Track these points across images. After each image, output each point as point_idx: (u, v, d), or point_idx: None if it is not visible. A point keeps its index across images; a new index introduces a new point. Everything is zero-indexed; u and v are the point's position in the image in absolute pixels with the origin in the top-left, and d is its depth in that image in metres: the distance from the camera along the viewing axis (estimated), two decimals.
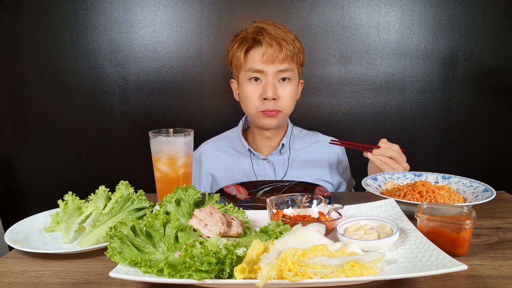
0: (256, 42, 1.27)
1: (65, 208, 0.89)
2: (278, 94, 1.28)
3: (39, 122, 1.85)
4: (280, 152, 1.42)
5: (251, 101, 1.31)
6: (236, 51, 1.31)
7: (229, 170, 1.41)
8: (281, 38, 1.25)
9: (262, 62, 1.26)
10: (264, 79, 1.28)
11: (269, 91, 1.26)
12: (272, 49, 1.24)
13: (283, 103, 1.30)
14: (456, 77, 1.77)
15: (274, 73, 1.27)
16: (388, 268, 0.65)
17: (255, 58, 1.28)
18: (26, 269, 0.73)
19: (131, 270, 0.63)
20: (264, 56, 1.25)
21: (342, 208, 0.84)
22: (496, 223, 0.93)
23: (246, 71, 1.30)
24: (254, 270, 0.60)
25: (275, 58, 1.24)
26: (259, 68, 1.27)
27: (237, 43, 1.31)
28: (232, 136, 1.49)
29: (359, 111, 1.81)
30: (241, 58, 1.30)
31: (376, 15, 1.72)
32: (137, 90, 1.80)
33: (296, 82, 1.34)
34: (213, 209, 0.79)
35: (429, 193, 0.99)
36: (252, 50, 1.29)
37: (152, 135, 1.02)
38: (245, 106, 1.35)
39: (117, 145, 1.86)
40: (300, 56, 1.32)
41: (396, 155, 1.20)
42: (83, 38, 1.76)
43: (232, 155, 1.44)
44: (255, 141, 1.45)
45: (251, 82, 1.30)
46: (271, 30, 1.26)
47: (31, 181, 1.91)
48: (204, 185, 1.45)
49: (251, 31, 1.28)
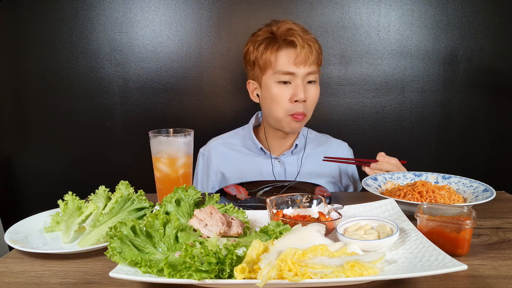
0: (287, 43, 1.24)
1: (65, 208, 0.89)
2: (307, 96, 1.27)
3: (39, 122, 1.85)
4: (292, 153, 1.42)
5: (281, 104, 1.28)
6: (264, 52, 1.27)
7: (240, 168, 1.40)
8: (310, 39, 1.25)
9: (294, 64, 1.24)
10: (294, 81, 1.26)
11: (301, 93, 1.24)
12: (305, 51, 1.22)
13: (309, 105, 1.30)
14: (456, 77, 1.77)
15: (304, 75, 1.26)
16: (388, 268, 0.65)
17: (286, 59, 1.25)
18: (26, 269, 0.73)
19: (131, 270, 0.63)
20: (297, 58, 1.23)
21: (342, 208, 0.84)
22: (496, 223, 0.93)
23: (276, 73, 1.26)
24: (254, 270, 0.60)
25: (306, 60, 1.23)
26: (291, 70, 1.24)
27: (262, 43, 1.28)
28: (243, 134, 1.47)
29: (359, 111, 1.81)
30: (271, 59, 1.26)
31: (376, 15, 1.72)
32: (137, 90, 1.80)
33: (319, 84, 1.34)
34: (213, 209, 0.79)
35: (429, 193, 0.99)
36: (282, 52, 1.26)
37: (152, 135, 1.02)
38: (272, 109, 1.31)
39: (117, 145, 1.86)
40: (321, 57, 1.32)
41: (394, 169, 1.19)
42: (83, 38, 1.76)
43: (243, 153, 1.42)
44: (269, 140, 1.43)
45: (280, 84, 1.27)
46: (300, 31, 1.25)
47: (31, 181, 1.91)
48: (212, 182, 1.44)
49: (282, 32, 1.25)
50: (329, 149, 1.45)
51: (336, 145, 1.50)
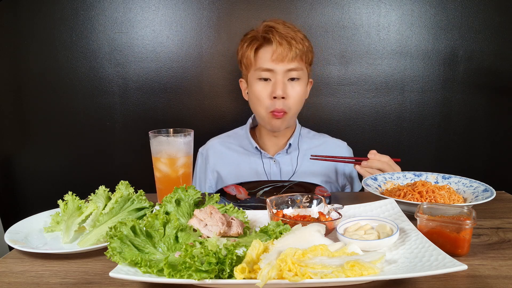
0: (266, 40, 1.27)
1: (65, 208, 0.89)
2: (287, 93, 1.28)
3: (39, 122, 1.85)
4: (286, 152, 1.42)
5: (261, 101, 1.30)
6: (246, 50, 1.30)
7: (236, 167, 1.41)
8: (291, 37, 1.25)
9: (272, 61, 1.25)
10: (274, 78, 1.27)
11: (279, 89, 1.25)
12: (282, 48, 1.23)
13: (291, 102, 1.30)
14: (456, 77, 1.77)
15: (284, 72, 1.27)
16: (388, 268, 0.65)
17: (264, 57, 1.27)
18: (26, 269, 0.73)
19: (131, 270, 0.63)
20: (274, 55, 1.24)
21: (342, 208, 0.84)
22: (496, 223, 0.93)
23: (256, 70, 1.29)
24: (254, 270, 0.60)
25: (284, 56, 1.24)
26: (269, 67, 1.26)
27: (246, 42, 1.31)
28: (240, 134, 1.49)
29: (359, 111, 1.81)
30: (251, 57, 1.29)
31: (376, 15, 1.72)
32: (137, 90, 1.80)
33: (305, 82, 1.34)
34: (213, 209, 0.79)
35: (429, 193, 0.99)
36: (262, 49, 1.28)
37: (152, 135, 1.02)
38: (255, 106, 1.35)
39: (117, 145, 1.86)
40: (309, 55, 1.32)
41: (385, 167, 1.18)
42: (83, 38, 1.76)
43: (239, 153, 1.43)
44: (263, 139, 1.45)
45: (261, 81, 1.29)
46: (281, 29, 1.25)
47: (31, 181, 1.91)
48: (209, 181, 1.45)
49: (261, 30, 1.28)
50: (326, 149, 1.45)
51: (334, 145, 1.49)
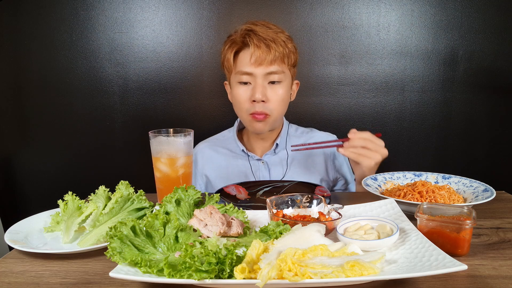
0: (245, 44, 1.25)
1: (65, 208, 0.89)
2: (267, 96, 1.26)
3: (39, 122, 1.85)
4: (274, 152, 1.41)
5: (242, 104, 1.29)
6: (227, 53, 1.29)
7: (224, 170, 1.40)
8: (270, 39, 1.22)
9: (251, 64, 1.24)
10: (254, 81, 1.26)
11: (258, 93, 1.24)
12: (260, 51, 1.21)
13: (272, 106, 1.28)
14: (456, 77, 1.77)
15: (263, 75, 1.25)
16: (388, 268, 0.65)
17: (244, 60, 1.25)
18: (26, 269, 0.73)
19: (131, 270, 0.63)
20: (252, 58, 1.23)
21: (342, 208, 0.84)
22: (496, 223, 0.93)
23: (236, 74, 1.28)
24: (254, 270, 0.60)
25: (263, 60, 1.22)
26: (248, 71, 1.25)
27: (227, 45, 1.30)
28: (228, 136, 1.48)
29: (359, 111, 1.81)
30: (231, 61, 1.28)
31: (376, 15, 1.72)
32: (137, 90, 1.80)
33: (288, 84, 1.32)
34: (213, 209, 0.79)
35: (429, 193, 0.99)
36: (242, 52, 1.27)
37: (152, 135, 1.02)
38: (236, 109, 1.35)
39: (117, 145, 1.86)
40: (292, 56, 1.29)
41: (367, 143, 1.13)
42: (83, 38, 1.76)
43: (226, 156, 1.42)
44: (250, 141, 1.44)
45: (241, 85, 1.28)
46: (260, 31, 1.23)
47: (31, 181, 1.91)
48: (199, 185, 1.45)
49: (240, 33, 1.26)
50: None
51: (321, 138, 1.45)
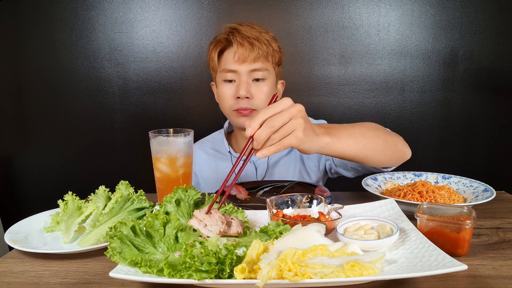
0: (228, 42, 1.27)
1: (65, 208, 0.89)
2: (252, 93, 1.28)
3: (39, 122, 1.85)
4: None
5: (226, 101, 1.31)
6: (211, 53, 1.32)
7: (214, 171, 1.42)
8: (254, 37, 1.25)
9: (235, 62, 1.26)
10: (238, 78, 1.28)
11: (242, 89, 1.26)
12: (243, 48, 1.24)
13: (257, 102, 1.29)
14: (456, 77, 1.77)
15: (247, 72, 1.27)
16: (388, 268, 0.65)
17: (228, 58, 1.28)
18: (26, 269, 0.73)
19: (131, 270, 0.63)
20: (236, 56, 1.25)
21: (342, 208, 0.84)
22: (496, 223, 0.93)
23: (221, 72, 1.31)
24: (254, 270, 0.60)
25: (246, 57, 1.24)
26: (232, 68, 1.27)
27: (212, 45, 1.32)
28: (217, 138, 1.50)
29: (359, 111, 1.81)
30: (215, 60, 1.31)
31: (376, 15, 1.72)
32: (137, 90, 1.80)
33: (272, 82, 1.34)
34: (213, 209, 0.79)
35: (429, 193, 0.99)
36: (226, 51, 1.29)
37: (152, 135, 1.02)
38: (221, 106, 1.36)
39: (117, 145, 1.86)
40: (276, 55, 1.32)
41: (270, 124, 0.75)
42: (83, 38, 1.76)
43: (215, 157, 1.44)
44: (238, 142, 1.45)
45: (226, 83, 1.31)
46: (244, 30, 1.26)
47: (31, 181, 1.91)
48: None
49: (224, 32, 1.29)
50: None
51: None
